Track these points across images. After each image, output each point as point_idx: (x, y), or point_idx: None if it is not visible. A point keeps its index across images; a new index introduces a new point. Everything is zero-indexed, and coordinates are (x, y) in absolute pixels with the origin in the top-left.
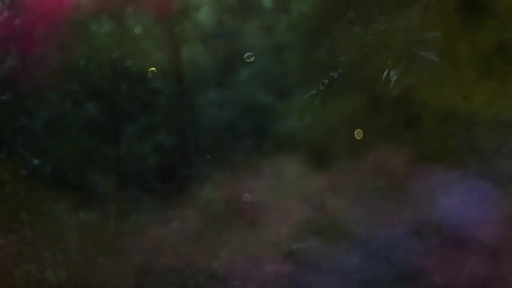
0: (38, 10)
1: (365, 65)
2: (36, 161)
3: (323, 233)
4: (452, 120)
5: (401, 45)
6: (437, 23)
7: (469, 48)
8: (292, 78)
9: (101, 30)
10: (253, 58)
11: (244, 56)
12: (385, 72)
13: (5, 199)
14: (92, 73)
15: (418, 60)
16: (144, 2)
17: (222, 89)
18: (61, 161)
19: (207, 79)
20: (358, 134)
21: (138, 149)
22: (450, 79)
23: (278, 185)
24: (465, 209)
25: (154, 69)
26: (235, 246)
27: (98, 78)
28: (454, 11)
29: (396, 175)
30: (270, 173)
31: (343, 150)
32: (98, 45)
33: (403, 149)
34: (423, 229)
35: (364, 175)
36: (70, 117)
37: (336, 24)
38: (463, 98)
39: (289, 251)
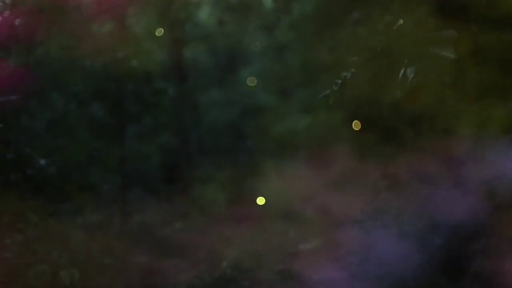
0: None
1: (378, 65)
2: (42, 161)
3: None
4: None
5: (416, 44)
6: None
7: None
8: (294, 78)
9: (102, 30)
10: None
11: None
12: (402, 71)
13: (12, 199)
14: (97, 73)
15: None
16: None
17: (223, 89)
18: (66, 162)
19: (209, 80)
20: (356, 125)
21: (142, 149)
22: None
23: (280, 184)
24: None
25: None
26: (241, 246)
27: (103, 78)
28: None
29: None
30: (271, 173)
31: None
32: (101, 46)
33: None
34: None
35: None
36: (75, 118)
37: (339, 25)
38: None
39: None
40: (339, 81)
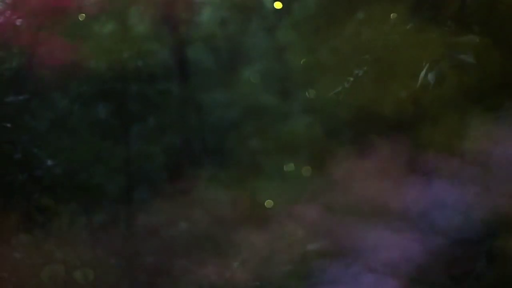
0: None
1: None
2: (49, 162)
3: None
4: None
5: (436, 47)
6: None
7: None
8: (295, 79)
9: (104, 31)
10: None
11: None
12: (422, 73)
13: (20, 199)
14: (101, 74)
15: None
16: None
17: (226, 89)
18: (72, 162)
19: (211, 80)
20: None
21: (147, 149)
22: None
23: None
24: None
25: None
26: (249, 247)
27: (107, 79)
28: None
29: None
30: (274, 173)
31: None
32: (103, 46)
33: None
34: None
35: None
36: (80, 119)
37: (342, 25)
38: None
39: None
40: (351, 79)
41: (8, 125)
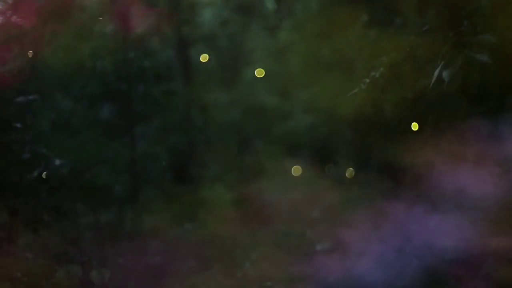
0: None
1: (408, 66)
2: (57, 162)
3: None
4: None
5: (451, 47)
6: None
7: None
8: (297, 79)
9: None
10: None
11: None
12: (436, 72)
13: (28, 199)
14: (105, 74)
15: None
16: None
17: (227, 90)
18: (78, 162)
19: (214, 80)
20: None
21: (152, 150)
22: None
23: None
24: None
25: None
26: (258, 247)
27: (111, 79)
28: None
29: None
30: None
31: None
32: (105, 46)
33: None
34: None
35: None
36: (85, 119)
37: (343, 26)
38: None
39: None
40: (367, 80)
41: (18, 125)
